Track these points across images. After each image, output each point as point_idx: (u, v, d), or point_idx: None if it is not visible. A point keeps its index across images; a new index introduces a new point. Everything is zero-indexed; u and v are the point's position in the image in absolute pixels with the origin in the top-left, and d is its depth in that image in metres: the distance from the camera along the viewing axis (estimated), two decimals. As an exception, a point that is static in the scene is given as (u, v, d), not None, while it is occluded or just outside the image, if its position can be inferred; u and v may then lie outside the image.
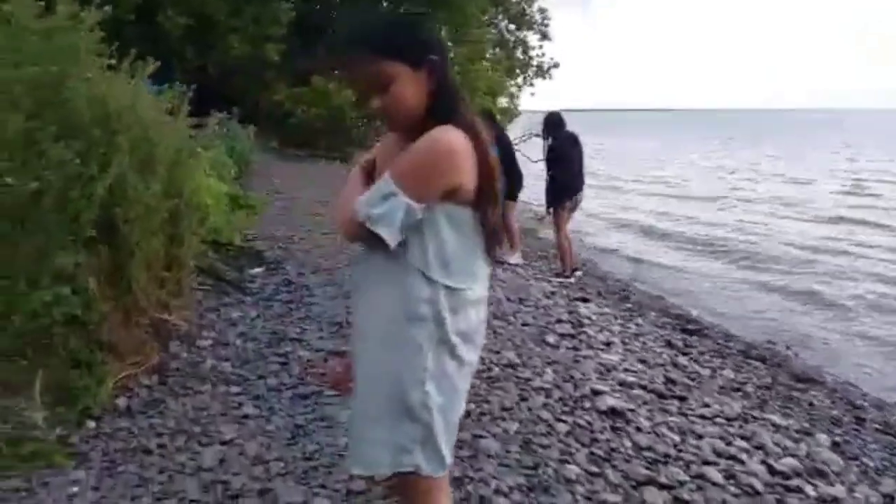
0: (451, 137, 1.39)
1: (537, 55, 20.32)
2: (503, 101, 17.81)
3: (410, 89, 1.42)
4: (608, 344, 4.57)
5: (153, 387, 3.25)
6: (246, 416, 2.96)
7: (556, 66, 20.43)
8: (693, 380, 4.18)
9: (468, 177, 1.41)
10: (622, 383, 3.76)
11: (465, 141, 1.40)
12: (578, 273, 6.80)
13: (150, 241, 3.56)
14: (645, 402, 3.58)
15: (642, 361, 4.35)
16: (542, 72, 20.45)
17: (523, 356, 4.03)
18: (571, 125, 6.81)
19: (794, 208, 14.15)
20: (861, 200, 15.43)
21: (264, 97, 12.74)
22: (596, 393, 3.49)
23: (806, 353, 5.61)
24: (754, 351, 5.23)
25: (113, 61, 3.72)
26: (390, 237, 1.39)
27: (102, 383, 3.11)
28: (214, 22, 13.29)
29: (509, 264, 6.78)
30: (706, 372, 4.40)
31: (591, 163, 9.81)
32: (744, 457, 3.10)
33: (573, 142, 6.57)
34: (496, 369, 3.75)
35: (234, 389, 3.23)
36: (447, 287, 1.45)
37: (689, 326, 5.64)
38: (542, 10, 20.23)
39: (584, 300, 5.93)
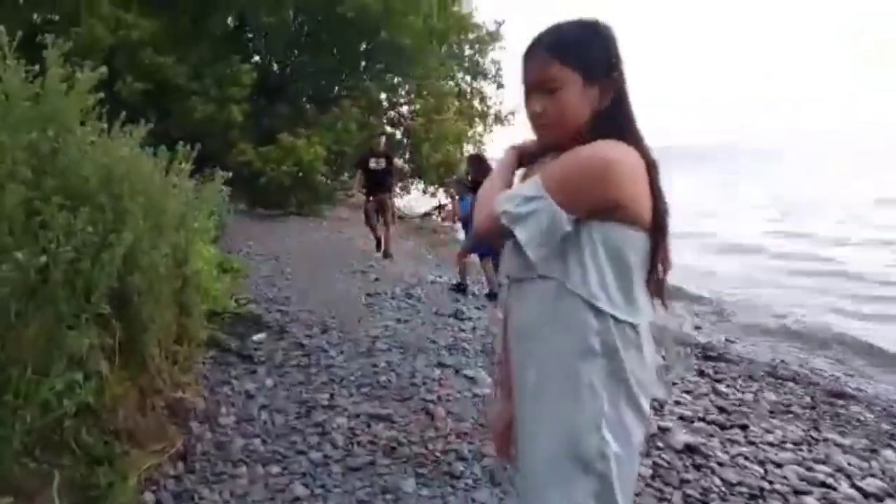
0: (614, 149, 1.24)
1: (495, 104, 20.80)
2: (469, 149, 17.96)
3: (575, 100, 1.29)
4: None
5: (181, 476, 2.90)
6: (297, 499, 2.64)
7: (512, 113, 20.95)
8: (741, 406, 4.01)
9: (629, 194, 1.23)
10: (681, 417, 3.57)
11: (633, 157, 1.25)
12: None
13: (163, 313, 3.26)
14: (711, 435, 3.39)
15: (687, 392, 4.17)
16: (500, 119, 20.89)
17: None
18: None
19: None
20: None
21: (231, 158, 12.49)
22: (664, 430, 3.28)
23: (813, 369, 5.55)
24: (781, 371, 5.11)
25: (104, 124, 3.48)
26: (529, 242, 1.23)
27: (126, 479, 2.76)
28: (174, 86, 13.09)
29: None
30: (749, 397, 4.24)
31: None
32: (831, 481, 2.93)
33: None
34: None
35: (275, 469, 2.91)
36: (615, 319, 1.25)
37: (711, 353, 5.50)
38: (495, 62, 20.77)
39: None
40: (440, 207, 18.29)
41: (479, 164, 6.90)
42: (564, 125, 1.30)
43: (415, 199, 17.97)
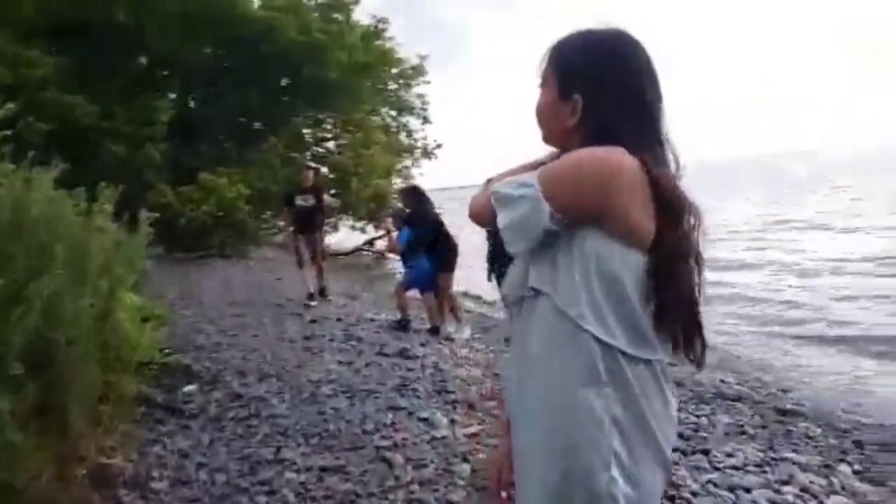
0: (611, 153, 1.12)
1: (421, 138, 20.97)
2: (398, 182, 17.92)
3: (548, 102, 1.26)
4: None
5: (112, 556, 2.55)
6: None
7: (439, 146, 21.17)
8: (699, 431, 4.00)
9: (619, 204, 1.10)
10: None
11: (631, 163, 1.11)
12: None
13: (86, 370, 2.92)
14: (676, 462, 3.32)
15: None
16: (427, 153, 21.05)
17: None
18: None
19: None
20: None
21: (149, 200, 11.87)
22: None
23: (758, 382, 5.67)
24: (727, 391, 5.18)
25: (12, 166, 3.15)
26: (507, 227, 1.15)
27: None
28: (84, 126, 12.38)
29: (444, 338, 6.46)
30: (704, 421, 4.24)
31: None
32: (800, 503, 2.91)
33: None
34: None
35: (223, 538, 2.61)
36: (623, 353, 1.12)
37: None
38: (420, 96, 21.00)
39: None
40: (371, 242, 18.07)
41: (417, 197, 6.79)
42: (541, 124, 1.28)
43: (344, 235, 17.66)
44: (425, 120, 21.17)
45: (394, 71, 19.78)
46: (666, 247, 1.13)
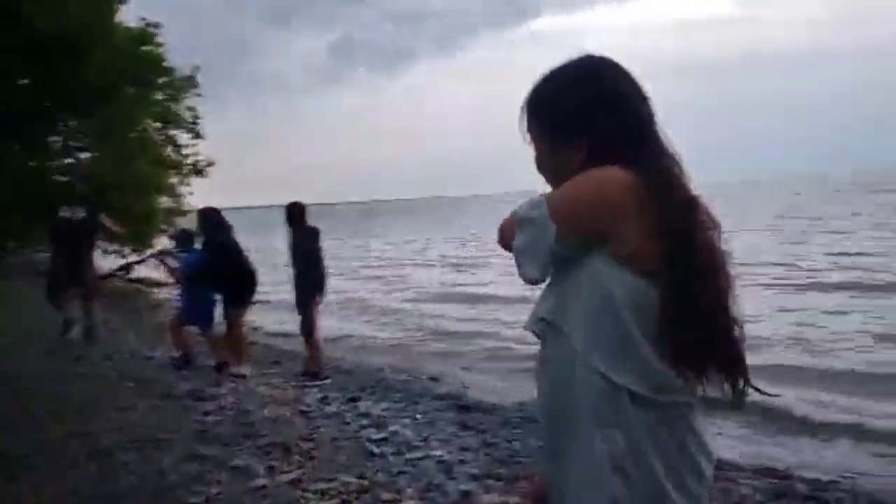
0: (606, 171, 1.06)
1: (192, 154, 19.40)
2: (165, 201, 16.23)
3: (549, 156, 1.20)
4: (425, 439, 4.24)
5: None
6: None
7: (210, 164, 19.79)
8: (517, 458, 4.11)
9: (620, 222, 1.02)
10: (475, 477, 3.49)
11: (626, 179, 1.04)
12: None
13: None
14: (507, 493, 3.35)
15: (464, 449, 4.13)
16: (197, 170, 19.53)
17: (366, 478, 3.44)
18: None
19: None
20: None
21: None
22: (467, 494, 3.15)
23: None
24: (532, 415, 5.45)
25: None
26: (520, 251, 1.10)
27: None
28: None
29: (236, 376, 5.92)
30: (518, 447, 4.38)
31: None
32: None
33: (316, 235, 6.19)
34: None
35: None
36: (632, 393, 1.02)
37: (461, 403, 5.63)
38: (190, 109, 19.49)
39: (355, 399, 5.47)
40: (127, 267, 16.10)
41: (215, 219, 6.12)
42: (548, 176, 1.19)
43: (100, 257, 15.46)
44: (196, 135, 19.68)
45: (162, 80, 18.12)
46: (676, 268, 1.02)
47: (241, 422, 4.39)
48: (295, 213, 6.12)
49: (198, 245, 6.30)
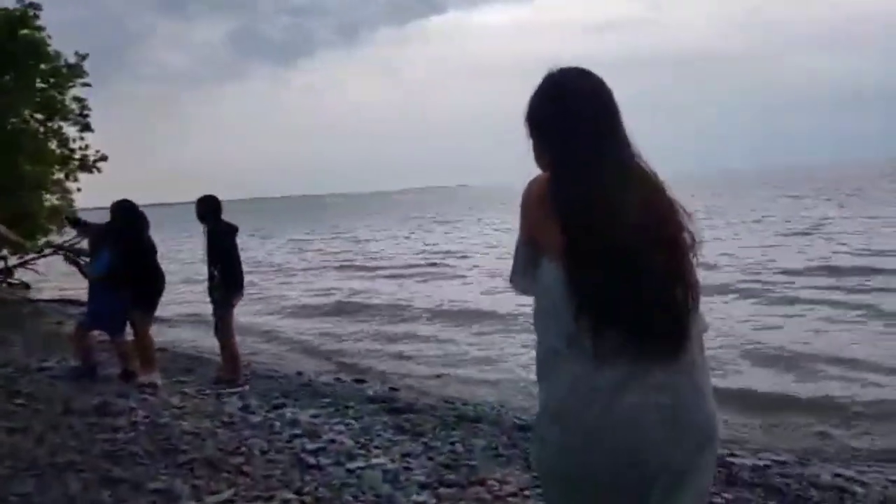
0: (531, 180, 1.40)
1: (80, 148, 17.89)
2: (52, 199, 14.83)
3: (531, 147, 1.47)
4: (364, 446, 3.99)
5: None
6: None
7: (102, 159, 18.33)
8: (462, 461, 3.96)
9: (535, 221, 1.36)
10: (424, 486, 3.30)
11: (539, 184, 1.38)
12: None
13: None
14: (461, 500, 3.19)
15: (406, 455, 3.92)
16: (86, 166, 18.04)
17: (307, 494, 3.16)
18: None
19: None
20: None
21: None
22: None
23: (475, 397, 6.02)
24: (467, 413, 5.31)
25: None
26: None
27: None
28: None
29: (146, 386, 5.42)
30: (461, 448, 4.22)
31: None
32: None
33: (234, 232, 5.75)
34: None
35: None
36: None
37: (394, 406, 5.41)
38: (79, 100, 17.98)
39: (280, 406, 5.12)
40: (7, 271, 14.61)
41: (131, 214, 5.54)
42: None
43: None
44: (85, 128, 18.18)
45: (43, 67, 16.58)
46: (574, 250, 1.28)
47: (157, 437, 3.95)
48: (210, 209, 5.66)
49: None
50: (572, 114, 1.37)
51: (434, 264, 17.77)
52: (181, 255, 19.24)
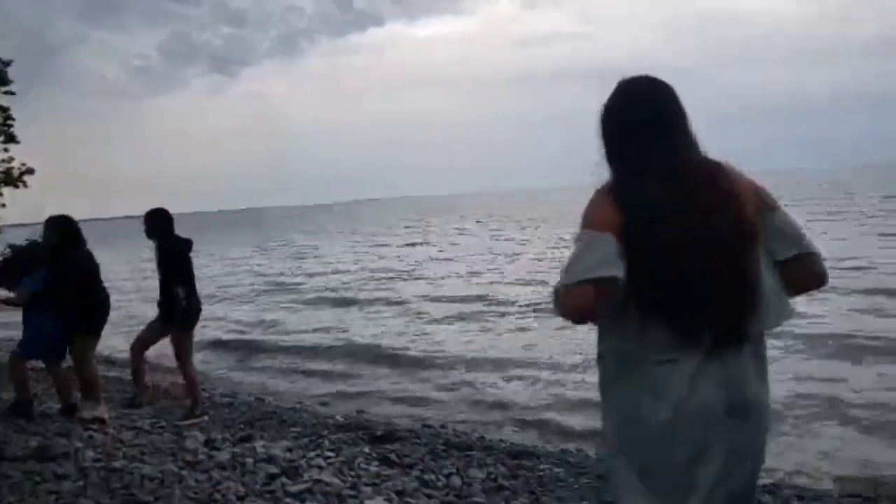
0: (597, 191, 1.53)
1: (3, 161, 16.61)
2: (-28, 214, 13.63)
3: None
4: (353, 486, 3.55)
5: None
6: None
7: (28, 172, 17.11)
8: (465, 496, 3.58)
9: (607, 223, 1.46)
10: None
11: (604, 192, 1.50)
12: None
13: None
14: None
15: (401, 493, 3.51)
16: (11, 179, 16.77)
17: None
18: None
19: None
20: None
21: None
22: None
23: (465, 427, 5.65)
24: (453, 440, 4.94)
25: None
26: None
27: None
28: None
29: (91, 422, 4.80)
30: (458, 482, 3.84)
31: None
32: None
33: (188, 247, 5.20)
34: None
35: None
36: None
37: (378, 434, 4.99)
38: (3, 109, 16.75)
39: (247, 438, 4.61)
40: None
41: (68, 229, 4.88)
42: None
43: None
44: (9, 138, 16.94)
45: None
46: (641, 248, 1.39)
47: (112, 486, 3.38)
48: (163, 222, 5.11)
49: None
50: (647, 117, 1.49)
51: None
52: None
